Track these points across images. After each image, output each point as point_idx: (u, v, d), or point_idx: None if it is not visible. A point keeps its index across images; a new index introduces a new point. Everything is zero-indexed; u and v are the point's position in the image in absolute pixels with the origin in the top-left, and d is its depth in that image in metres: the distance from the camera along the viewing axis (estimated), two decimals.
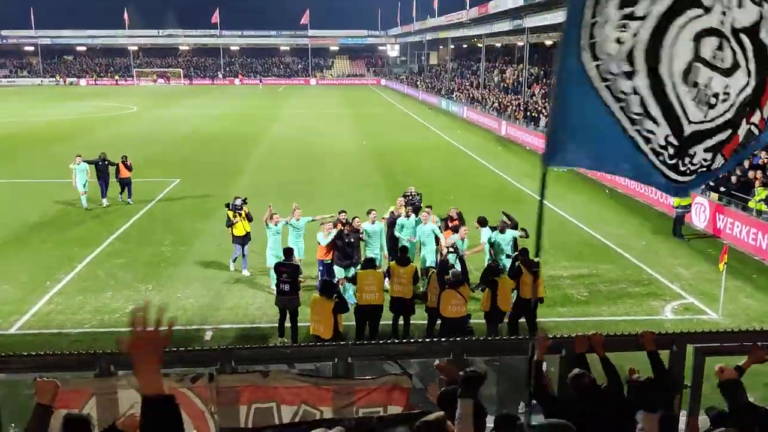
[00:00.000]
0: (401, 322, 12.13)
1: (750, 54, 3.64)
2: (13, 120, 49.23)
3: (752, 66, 3.67)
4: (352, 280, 12.00)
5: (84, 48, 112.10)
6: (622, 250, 17.51)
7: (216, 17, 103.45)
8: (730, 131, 3.79)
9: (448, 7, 73.03)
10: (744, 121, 3.79)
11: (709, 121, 3.75)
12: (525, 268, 11.72)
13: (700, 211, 19.84)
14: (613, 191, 25.38)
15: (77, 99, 71.38)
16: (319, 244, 13.67)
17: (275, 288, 12.20)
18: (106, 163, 21.66)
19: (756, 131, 3.81)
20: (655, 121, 3.72)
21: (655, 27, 3.59)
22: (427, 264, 13.99)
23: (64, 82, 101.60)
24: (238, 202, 15.23)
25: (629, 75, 3.65)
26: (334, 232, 13.48)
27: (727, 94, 3.69)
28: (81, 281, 15.02)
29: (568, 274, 15.57)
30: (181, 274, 15.53)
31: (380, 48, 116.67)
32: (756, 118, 3.77)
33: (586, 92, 3.73)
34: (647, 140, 3.77)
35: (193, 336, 12.22)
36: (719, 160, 3.86)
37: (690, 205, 19.39)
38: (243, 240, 15.19)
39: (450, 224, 14.59)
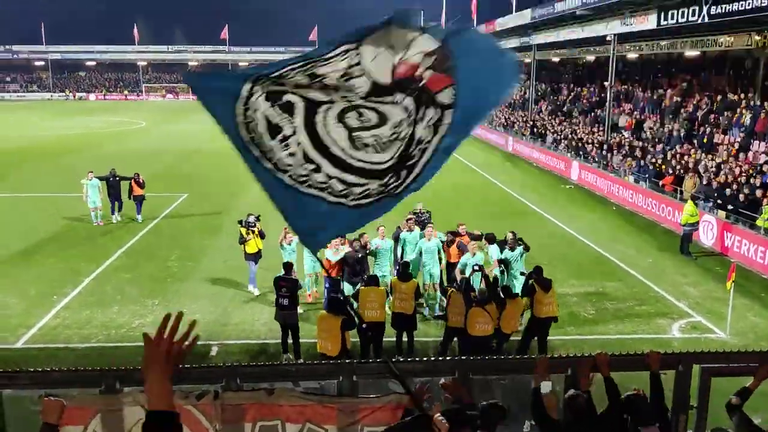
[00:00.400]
0: (405, 338, 12.12)
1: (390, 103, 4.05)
2: (23, 134, 49.61)
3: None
4: (355, 296, 11.97)
5: (93, 63, 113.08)
6: (629, 268, 17.46)
7: (225, 33, 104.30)
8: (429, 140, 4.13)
9: (455, 22, 73.42)
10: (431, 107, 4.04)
11: (409, 148, 4.15)
12: (538, 286, 11.66)
13: (708, 229, 19.78)
14: (620, 208, 25.34)
15: (86, 114, 71.89)
16: (327, 259, 13.59)
17: (275, 302, 12.20)
18: (117, 179, 21.62)
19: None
20: (357, 183, 4.22)
21: (307, 131, 4.09)
22: (434, 280, 13.97)
23: (74, 96, 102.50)
24: (251, 219, 15.10)
25: (317, 170, 4.17)
26: (343, 249, 13.44)
27: (393, 135, 4.11)
28: (88, 296, 15.08)
29: (575, 291, 15.52)
30: (187, 289, 15.56)
31: None
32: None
33: (293, 194, 4.27)
34: (367, 196, 4.26)
35: (200, 352, 12.23)
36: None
37: (697, 222, 19.35)
38: (255, 257, 15.12)
39: (454, 238, 14.53)
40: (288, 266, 12.44)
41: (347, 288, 13.36)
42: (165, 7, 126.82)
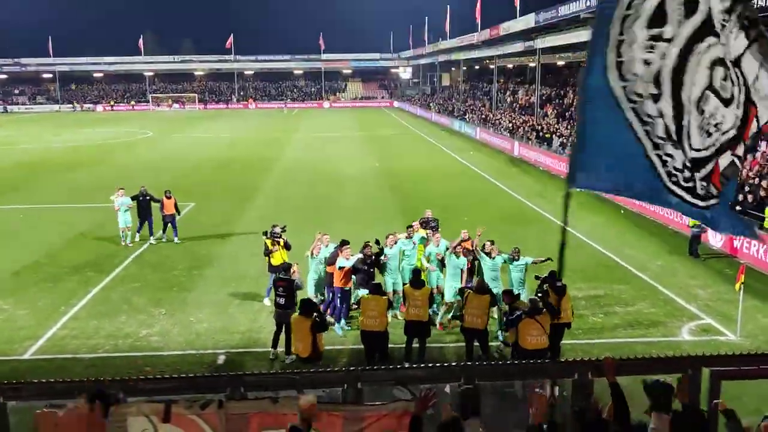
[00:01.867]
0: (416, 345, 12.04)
1: (741, 84, 3.63)
2: (33, 146, 49.92)
3: (741, 97, 3.65)
4: (357, 304, 11.92)
5: (101, 74, 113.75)
6: (637, 271, 17.35)
7: (230, 42, 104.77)
8: (713, 161, 3.79)
9: (460, 27, 73.53)
10: (729, 152, 3.76)
11: (704, 149, 3.74)
12: (552, 291, 11.51)
13: None
14: (628, 211, 25.21)
15: (94, 125, 72.32)
16: (340, 268, 13.34)
17: (273, 302, 12.26)
18: (148, 198, 20.40)
19: (739, 163, 3.80)
20: (675, 145, 3.74)
21: (682, 50, 3.60)
22: (440, 283, 13.95)
23: (81, 108, 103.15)
24: (277, 230, 14.63)
25: (656, 98, 3.68)
26: (355, 257, 13.38)
27: (721, 124, 3.69)
28: (95, 306, 15.09)
29: (583, 295, 15.42)
30: (194, 298, 15.55)
31: (392, 70, 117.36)
32: (740, 150, 3.75)
33: (611, 111, 3.76)
34: (664, 163, 3.80)
35: (206, 360, 12.23)
36: (713, 190, 3.84)
37: None
38: (279, 270, 14.51)
39: (461, 246, 14.48)
40: (287, 267, 12.49)
41: (362, 293, 13.20)
42: (171, 18, 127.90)
